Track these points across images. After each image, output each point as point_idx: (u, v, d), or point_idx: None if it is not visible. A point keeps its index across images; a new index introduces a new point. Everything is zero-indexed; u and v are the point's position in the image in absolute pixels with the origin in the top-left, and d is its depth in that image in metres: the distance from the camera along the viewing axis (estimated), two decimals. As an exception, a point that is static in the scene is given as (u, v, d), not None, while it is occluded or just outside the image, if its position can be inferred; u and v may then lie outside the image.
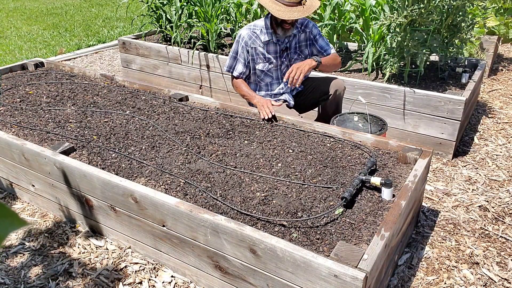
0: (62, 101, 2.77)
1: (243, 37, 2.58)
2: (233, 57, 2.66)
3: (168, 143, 2.24)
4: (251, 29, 2.59)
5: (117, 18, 7.61)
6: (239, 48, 2.61)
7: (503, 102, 3.81)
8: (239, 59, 2.63)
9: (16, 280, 1.89)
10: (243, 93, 2.66)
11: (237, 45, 2.62)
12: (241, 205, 1.75)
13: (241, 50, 2.61)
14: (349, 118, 2.54)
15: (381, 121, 2.51)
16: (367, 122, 2.48)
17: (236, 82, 2.69)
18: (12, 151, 2.24)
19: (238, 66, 2.65)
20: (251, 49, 2.59)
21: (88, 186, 1.96)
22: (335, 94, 2.64)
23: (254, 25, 2.60)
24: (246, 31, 2.59)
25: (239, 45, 2.61)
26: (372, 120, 2.50)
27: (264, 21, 2.57)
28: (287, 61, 2.66)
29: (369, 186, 1.86)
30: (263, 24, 2.57)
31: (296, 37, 2.62)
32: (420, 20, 2.82)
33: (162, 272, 1.91)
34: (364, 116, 2.55)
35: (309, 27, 2.64)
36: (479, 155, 2.94)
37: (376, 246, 1.45)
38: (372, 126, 2.45)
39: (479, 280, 1.89)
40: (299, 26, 2.62)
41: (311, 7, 2.39)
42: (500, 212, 2.35)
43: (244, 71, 2.65)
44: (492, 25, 4.35)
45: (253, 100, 2.58)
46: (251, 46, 2.58)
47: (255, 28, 2.58)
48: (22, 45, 5.77)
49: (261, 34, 2.57)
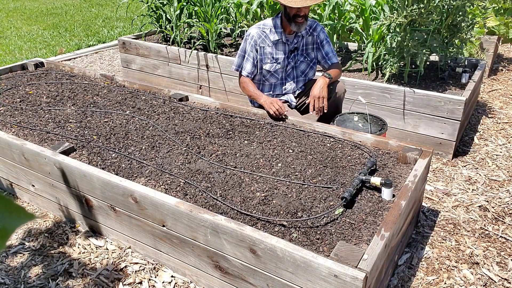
0: (62, 101, 2.77)
1: (253, 36, 2.56)
2: (242, 56, 2.64)
3: (168, 143, 2.24)
4: (261, 28, 2.57)
5: (117, 18, 7.61)
6: (248, 47, 2.59)
7: (503, 102, 3.81)
8: (248, 58, 2.61)
9: (16, 280, 1.89)
10: (250, 93, 2.64)
11: (246, 44, 2.60)
12: (241, 205, 1.75)
13: (250, 49, 2.58)
14: (349, 118, 2.54)
15: (381, 121, 2.51)
16: (367, 122, 2.48)
17: (244, 81, 2.66)
18: (12, 151, 2.24)
19: (247, 65, 2.62)
20: (260, 48, 2.57)
21: (88, 186, 1.96)
22: (335, 96, 2.64)
23: (264, 24, 2.58)
24: (255, 30, 2.57)
25: (248, 43, 2.58)
26: (372, 120, 2.50)
27: (274, 20, 2.56)
28: (293, 63, 2.65)
29: (369, 186, 1.86)
30: (273, 24, 2.56)
31: (304, 38, 2.62)
32: (420, 20, 2.82)
33: (162, 272, 1.91)
34: (364, 116, 2.55)
35: (317, 30, 2.63)
36: (479, 155, 2.94)
37: (376, 246, 1.45)
38: (372, 126, 2.45)
39: (479, 280, 1.89)
40: (307, 28, 2.61)
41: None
42: (500, 212, 2.35)
43: (253, 70, 2.63)
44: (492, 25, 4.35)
45: (260, 100, 2.56)
46: (260, 45, 2.56)
47: (265, 27, 2.57)
48: (22, 45, 5.77)
49: (271, 34, 2.56)
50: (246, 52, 2.61)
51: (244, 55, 2.62)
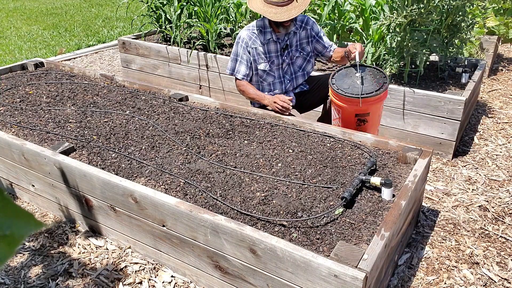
0: (62, 101, 2.77)
1: (243, 38, 2.58)
2: (235, 59, 2.65)
3: (168, 143, 2.24)
4: (250, 30, 2.59)
5: (117, 18, 7.61)
6: (240, 50, 2.60)
7: (503, 102, 3.81)
8: (242, 61, 2.62)
9: (16, 280, 1.89)
10: (251, 95, 2.63)
11: (237, 47, 2.62)
12: (241, 205, 1.75)
13: (242, 51, 2.59)
14: (349, 73, 2.37)
15: (384, 77, 2.32)
16: (368, 79, 2.31)
17: (242, 85, 2.65)
18: (12, 151, 2.24)
19: (241, 68, 2.63)
20: (252, 50, 2.58)
21: (88, 186, 1.96)
22: None
23: (253, 25, 2.60)
24: (245, 32, 2.59)
25: (239, 46, 2.60)
26: (374, 75, 2.32)
27: (263, 21, 2.58)
28: (288, 59, 2.65)
29: (369, 186, 1.86)
30: (262, 24, 2.58)
31: (297, 34, 2.62)
32: (420, 20, 2.82)
33: (162, 272, 1.91)
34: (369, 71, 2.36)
35: (309, 24, 2.64)
36: (479, 155, 2.94)
37: (376, 246, 1.45)
38: (372, 83, 2.29)
39: (479, 280, 1.89)
40: (298, 23, 2.62)
41: (306, 2, 2.39)
42: (500, 212, 2.35)
43: (248, 72, 2.63)
44: (492, 25, 4.35)
45: (263, 101, 2.56)
46: (252, 46, 2.58)
47: (254, 28, 2.59)
48: (22, 45, 5.77)
49: (261, 34, 2.57)
50: (239, 55, 2.61)
51: (237, 58, 2.63)
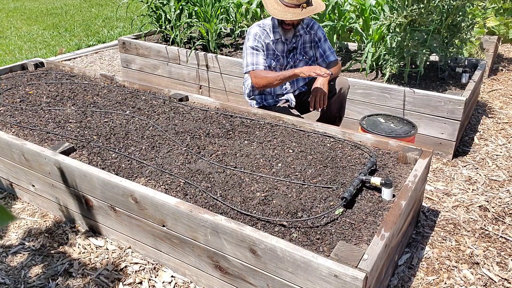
0: (62, 101, 2.77)
1: (256, 33, 2.56)
2: (251, 53, 2.57)
3: (168, 143, 2.24)
4: (261, 27, 2.59)
5: (117, 18, 7.61)
6: (255, 43, 2.55)
7: (503, 102, 3.81)
8: (259, 53, 2.55)
9: (16, 280, 1.89)
10: (273, 78, 2.48)
11: (252, 41, 2.56)
12: (241, 205, 1.75)
13: (257, 43, 2.55)
14: (376, 121, 2.58)
15: (408, 122, 2.57)
16: (396, 122, 2.56)
17: (258, 73, 2.52)
18: (12, 151, 2.24)
19: (259, 59, 2.55)
20: (264, 44, 2.57)
21: (88, 186, 1.96)
22: (340, 92, 2.63)
23: (263, 23, 2.60)
24: (257, 28, 2.58)
25: (253, 39, 2.55)
26: (401, 121, 2.58)
27: (272, 20, 2.58)
28: (292, 62, 2.66)
29: (369, 186, 1.86)
30: (271, 23, 2.58)
31: (302, 37, 2.63)
32: (420, 20, 2.82)
33: (162, 272, 1.91)
34: (389, 118, 2.61)
35: (314, 29, 2.64)
36: (479, 155, 2.94)
37: (376, 246, 1.45)
38: (404, 126, 2.52)
39: (479, 280, 1.89)
40: (304, 27, 2.62)
41: (310, 11, 2.38)
42: (500, 212, 2.35)
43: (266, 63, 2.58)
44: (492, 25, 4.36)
45: (293, 71, 2.41)
46: (265, 41, 2.57)
47: (265, 26, 2.59)
48: (22, 45, 5.77)
49: (270, 33, 2.57)
50: (254, 48, 2.56)
51: (253, 51, 2.57)
